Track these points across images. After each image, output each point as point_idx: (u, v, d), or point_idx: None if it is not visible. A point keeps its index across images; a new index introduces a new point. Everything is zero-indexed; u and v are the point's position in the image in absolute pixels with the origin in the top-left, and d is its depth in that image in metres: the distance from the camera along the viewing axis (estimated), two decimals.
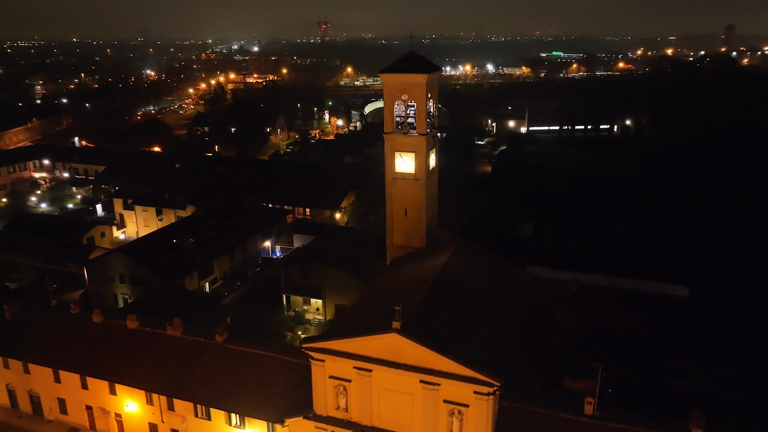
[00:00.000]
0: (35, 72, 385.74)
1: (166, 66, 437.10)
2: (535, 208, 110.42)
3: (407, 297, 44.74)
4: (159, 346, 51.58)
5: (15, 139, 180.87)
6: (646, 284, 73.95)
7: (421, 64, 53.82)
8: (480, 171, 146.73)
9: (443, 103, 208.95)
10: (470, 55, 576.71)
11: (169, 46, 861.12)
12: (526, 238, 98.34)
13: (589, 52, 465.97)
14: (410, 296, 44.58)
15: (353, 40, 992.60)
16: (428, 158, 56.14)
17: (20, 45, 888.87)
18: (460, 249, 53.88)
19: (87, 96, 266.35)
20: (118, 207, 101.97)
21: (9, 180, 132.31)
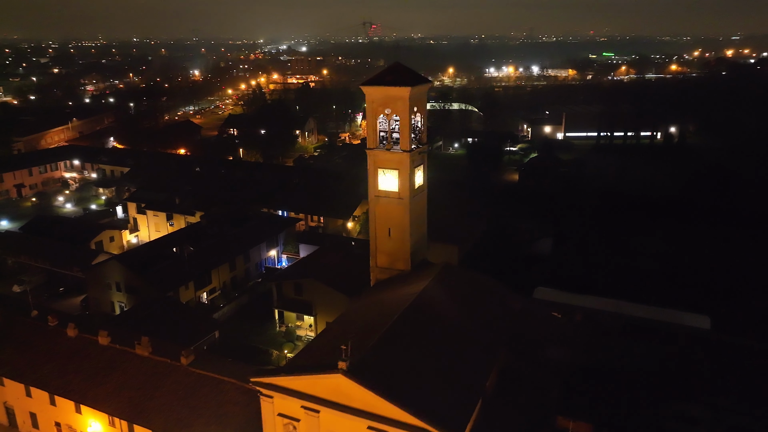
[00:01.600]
0: (89, 72, 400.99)
1: (212, 66, 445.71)
2: (559, 221, 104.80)
3: (371, 330, 41.61)
4: (126, 366, 50.13)
5: (56, 138, 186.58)
6: (665, 313, 67.79)
7: (405, 77, 50.34)
8: (507, 180, 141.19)
9: (478, 106, 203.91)
10: (518, 55, 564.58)
11: (222, 45, 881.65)
12: (543, 255, 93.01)
13: (641, 53, 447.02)
14: (374, 329, 41.40)
15: (401, 41, 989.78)
16: (413, 176, 52.58)
17: (84, 45, 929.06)
18: (442, 276, 50.20)
19: (133, 96, 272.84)
20: (131, 211, 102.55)
21: (41, 179, 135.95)
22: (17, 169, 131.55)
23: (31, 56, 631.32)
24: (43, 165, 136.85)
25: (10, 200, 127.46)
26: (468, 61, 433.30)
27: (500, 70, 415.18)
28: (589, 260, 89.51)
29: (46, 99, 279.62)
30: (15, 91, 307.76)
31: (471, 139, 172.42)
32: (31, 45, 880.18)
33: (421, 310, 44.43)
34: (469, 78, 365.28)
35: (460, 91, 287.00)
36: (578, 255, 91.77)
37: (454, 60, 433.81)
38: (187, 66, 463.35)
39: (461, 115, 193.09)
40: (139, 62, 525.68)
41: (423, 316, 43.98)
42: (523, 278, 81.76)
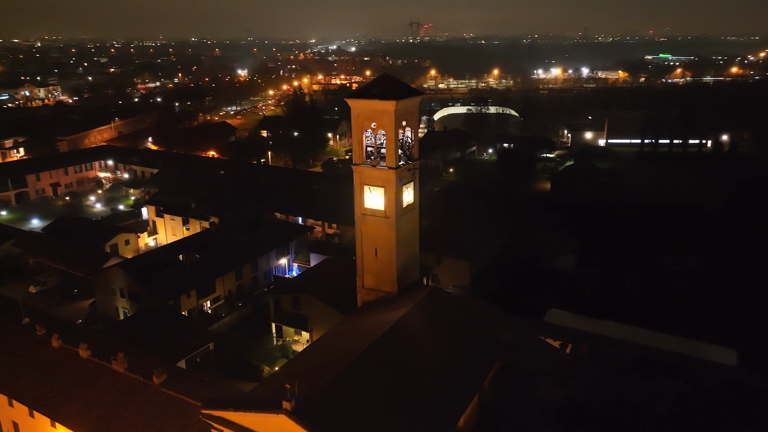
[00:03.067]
0: (142, 71, 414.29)
1: (259, 66, 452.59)
2: (587, 236, 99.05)
3: (337, 361, 39.03)
4: (101, 381, 49.28)
5: (99, 137, 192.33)
6: (687, 344, 62.14)
7: (391, 89, 47.39)
8: (538, 189, 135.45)
9: (517, 110, 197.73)
10: (571, 56, 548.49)
11: (274, 45, 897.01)
12: (564, 273, 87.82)
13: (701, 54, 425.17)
14: (340, 361, 38.80)
15: (452, 41, 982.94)
16: (400, 194, 49.61)
17: (144, 44, 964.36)
18: (425, 302, 47.04)
19: (179, 95, 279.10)
20: (151, 214, 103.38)
21: (76, 179, 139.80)
22: (54, 169, 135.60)
23: (93, 56, 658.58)
24: (78, 165, 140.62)
25: (46, 199, 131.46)
26: (516, 62, 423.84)
27: (548, 72, 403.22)
28: (613, 280, 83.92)
29: (99, 98, 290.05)
30: (71, 90, 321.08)
31: (506, 145, 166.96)
32: (96, 45, 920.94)
33: (395, 340, 41.49)
34: (515, 80, 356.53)
35: (503, 93, 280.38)
36: (602, 274, 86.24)
37: (502, 61, 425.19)
38: (235, 66, 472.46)
39: (498, 119, 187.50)
40: (192, 62, 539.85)
41: (395, 347, 41.02)
42: (538, 298, 77.39)
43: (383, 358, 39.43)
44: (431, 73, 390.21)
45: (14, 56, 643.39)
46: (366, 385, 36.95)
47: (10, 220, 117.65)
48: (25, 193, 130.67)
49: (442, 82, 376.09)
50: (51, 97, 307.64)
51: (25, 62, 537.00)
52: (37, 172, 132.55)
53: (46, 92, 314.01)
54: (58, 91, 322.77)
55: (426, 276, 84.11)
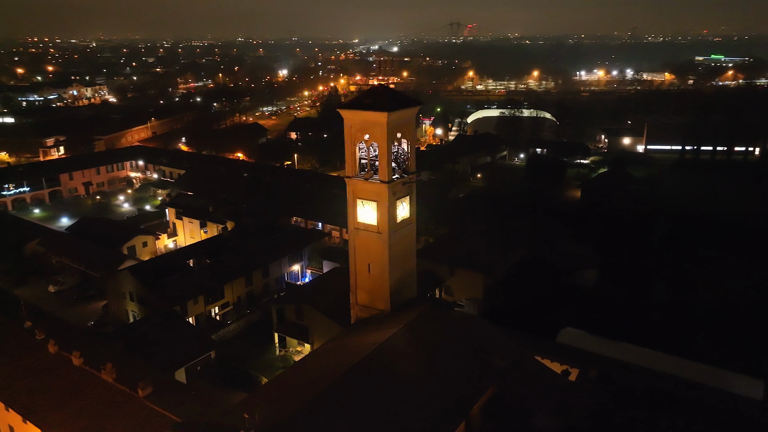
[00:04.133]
0: (186, 71, 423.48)
1: (299, 66, 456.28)
2: (613, 248, 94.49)
3: (310, 387, 37.42)
4: (90, 391, 49.07)
5: (136, 137, 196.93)
6: (711, 373, 57.99)
7: (384, 100, 45.40)
8: (568, 197, 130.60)
9: (554, 113, 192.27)
10: (617, 57, 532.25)
11: (318, 45, 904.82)
12: (585, 288, 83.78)
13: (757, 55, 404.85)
14: (313, 386, 37.18)
15: (496, 41, 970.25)
16: (394, 209, 47.57)
17: (192, 44, 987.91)
18: (416, 322, 44.90)
19: (218, 95, 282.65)
20: (171, 215, 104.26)
21: (107, 178, 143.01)
22: (86, 168, 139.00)
23: (142, 56, 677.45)
24: (110, 164, 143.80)
25: (78, 198, 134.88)
26: (559, 64, 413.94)
27: (591, 74, 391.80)
28: (638, 298, 79.49)
29: (142, 98, 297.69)
30: (117, 89, 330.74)
31: (539, 150, 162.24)
32: (147, 45, 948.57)
33: (377, 364, 39.57)
34: (555, 81, 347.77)
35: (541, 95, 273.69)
36: (627, 290, 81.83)
37: (544, 62, 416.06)
38: (276, 66, 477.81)
39: (532, 123, 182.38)
40: (235, 62, 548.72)
41: (376, 372, 39.10)
42: (554, 315, 73.91)
43: (360, 384, 37.57)
44: (469, 74, 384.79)
45: (69, 56, 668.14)
46: (338, 414, 35.16)
47: (41, 218, 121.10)
48: (58, 192, 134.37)
49: (479, 83, 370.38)
50: (97, 96, 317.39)
51: (78, 62, 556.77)
52: (71, 171, 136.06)
53: (92, 92, 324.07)
54: (105, 90, 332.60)
55: (438, 287, 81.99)
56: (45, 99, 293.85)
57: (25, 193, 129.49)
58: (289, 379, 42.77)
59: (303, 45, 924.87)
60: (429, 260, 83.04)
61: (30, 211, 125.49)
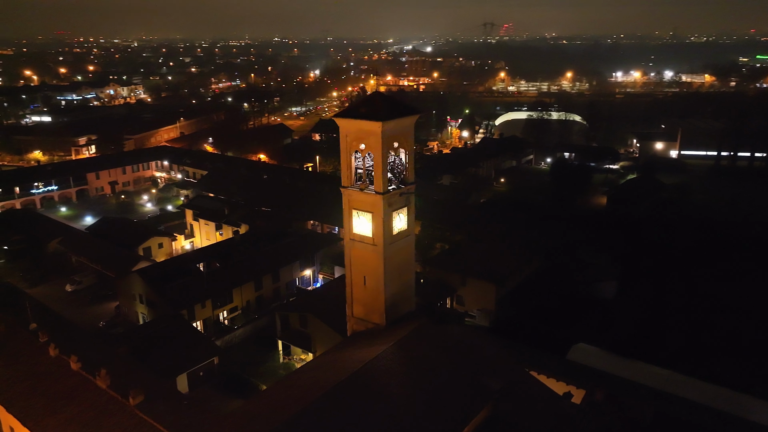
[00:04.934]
0: (220, 71, 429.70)
1: (331, 66, 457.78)
2: (638, 259, 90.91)
3: (293, 404, 36.31)
4: (84, 396, 49.07)
5: (165, 136, 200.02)
6: (731, 398, 54.79)
7: (380, 109, 43.94)
8: (593, 204, 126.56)
9: (585, 116, 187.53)
10: (657, 57, 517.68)
11: (352, 45, 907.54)
12: (603, 301, 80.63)
13: None
14: (294, 404, 36.07)
15: (531, 41, 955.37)
16: (390, 220, 46.05)
17: (229, 44, 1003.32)
18: (409, 339, 43.38)
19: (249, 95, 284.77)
20: (188, 217, 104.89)
21: (133, 178, 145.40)
22: (113, 167, 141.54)
23: (181, 55, 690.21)
24: (136, 164, 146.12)
25: (104, 197, 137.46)
26: (595, 64, 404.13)
27: (627, 75, 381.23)
28: (660, 314, 76.07)
29: (175, 98, 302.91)
30: (152, 89, 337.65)
31: (566, 154, 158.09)
32: (186, 45, 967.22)
33: (361, 384, 38.22)
34: (590, 83, 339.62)
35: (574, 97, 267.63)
36: (648, 305, 78.45)
37: (579, 62, 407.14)
38: (308, 66, 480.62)
39: (561, 126, 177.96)
40: (269, 62, 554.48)
41: (359, 392, 37.73)
42: (568, 329, 71.26)
43: (340, 406, 36.24)
44: (500, 75, 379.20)
45: (110, 56, 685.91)
46: None
47: (67, 217, 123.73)
48: (85, 191, 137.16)
49: (511, 84, 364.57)
50: (133, 95, 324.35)
51: (118, 62, 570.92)
52: (97, 170, 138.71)
53: (129, 91, 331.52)
54: (140, 90, 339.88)
55: (450, 297, 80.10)
56: (83, 98, 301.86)
57: (53, 191, 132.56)
58: (274, 394, 41.77)
59: (338, 45, 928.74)
60: (441, 268, 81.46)
61: (57, 210, 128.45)
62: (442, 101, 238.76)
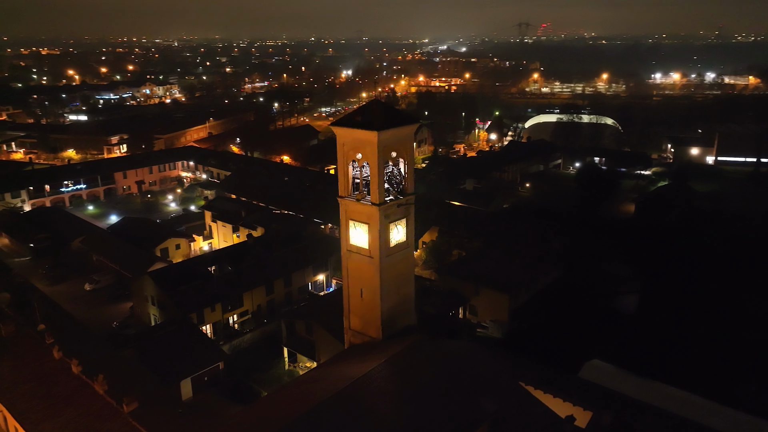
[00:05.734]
0: (253, 71, 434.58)
1: (363, 67, 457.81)
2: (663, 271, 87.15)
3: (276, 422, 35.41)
4: (82, 401, 49.30)
5: (195, 136, 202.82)
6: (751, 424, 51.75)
7: (376, 118, 42.62)
8: (621, 212, 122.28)
9: (616, 119, 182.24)
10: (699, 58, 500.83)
11: (387, 45, 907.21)
12: (624, 315, 77.43)
13: None
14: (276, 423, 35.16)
15: (569, 41, 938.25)
16: (387, 232, 44.71)
17: (266, 44, 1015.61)
18: (402, 356, 41.95)
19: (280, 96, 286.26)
20: (207, 218, 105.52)
21: (159, 177, 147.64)
22: (140, 167, 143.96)
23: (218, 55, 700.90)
24: (163, 164, 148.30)
25: (130, 195, 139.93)
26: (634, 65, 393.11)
27: (667, 76, 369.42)
28: (683, 330, 72.46)
29: (208, 97, 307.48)
30: (186, 88, 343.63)
31: (596, 159, 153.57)
32: (224, 44, 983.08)
33: (347, 403, 37.00)
34: (627, 84, 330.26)
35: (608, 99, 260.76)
36: (671, 320, 74.93)
37: (617, 63, 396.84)
38: (341, 66, 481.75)
39: (592, 129, 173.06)
40: (304, 62, 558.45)
41: (344, 412, 36.50)
42: (584, 343, 68.58)
43: (322, 426, 35.09)
44: (534, 76, 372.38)
45: (150, 56, 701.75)
46: None
47: (93, 215, 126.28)
48: (113, 190, 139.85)
49: (545, 85, 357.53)
50: (168, 95, 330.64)
51: (157, 62, 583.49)
52: (125, 170, 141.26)
53: (164, 90, 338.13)
54: (176, 89, 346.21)
55: (462, 306, 78.21)
56: (119, 97, 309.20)
57: (82, 190, 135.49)
58: (260, 409, 40.96)
59: (372, 45, 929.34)
60: (454, 277, 79.64)
61: (85, 208, 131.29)
62: (471, 102, 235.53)
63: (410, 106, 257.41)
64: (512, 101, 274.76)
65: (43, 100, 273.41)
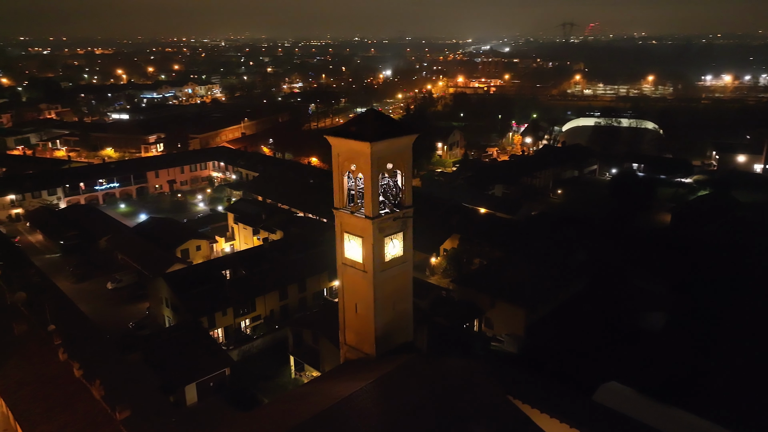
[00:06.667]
0: (294, 71, 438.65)
1: (403, 67, 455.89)
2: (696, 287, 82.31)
3: None
4: (79, 405, 49.47)
5: (230, 136, 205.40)
6: None
7: (370, 128, 40.94)
8: (657, 222, 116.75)
9: (659, 123, 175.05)
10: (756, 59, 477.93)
11: (430, 45, 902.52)
12: (650, 335, 73.21)
13: None
14: None
15: (617, 41, 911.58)
16: (381, 246, 43.02)
17: (310, 44, 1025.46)
18: (390, 377, 40.19)
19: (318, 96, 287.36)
20: (230, 220, 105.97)
21: (190, 177, 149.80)
22: (171, 167, 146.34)
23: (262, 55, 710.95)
24: (194, 164, 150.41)
25: (162, 194, 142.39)
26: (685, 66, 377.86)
27: (718, 78, 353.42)
28: (713, 354, 67.93)
29: (247, 97, 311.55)
30: (227, 88, 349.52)
31: (635, 165, 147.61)
32: (269, 44, 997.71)
33: (324, 427, 35.49)
34: (675, 86, 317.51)
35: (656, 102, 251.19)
36: (700, 342, 70.42)
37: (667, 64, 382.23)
38: (381, 66, 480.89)
39: (631, 134, 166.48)
40: (345, 62, 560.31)
41: None
42: (603, 364, 65.12)
43: None
44: (576, 77, 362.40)
45: (197, 55, 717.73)
46: None
47: (125, 214, 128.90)
48: (145, 188, 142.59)
49: (587, 87, 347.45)
50: (209, 94, 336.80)
51: (202, 61, 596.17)
52: (157, 169, 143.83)
53: (206, 90, 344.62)
54: (217, 89, 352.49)
55: (478, 318, 75.75)
56: (162, 97, 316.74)
57: (115, 188, 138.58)
58: (246, 423, 39.91)
59: (415, 44, 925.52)
60: (470, 287, 77.23)
61: (117, 206, 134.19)
62: (508, 104, 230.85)
63: (446, 107, 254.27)
64: (551, 103, 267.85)
65: (90, 99, 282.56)
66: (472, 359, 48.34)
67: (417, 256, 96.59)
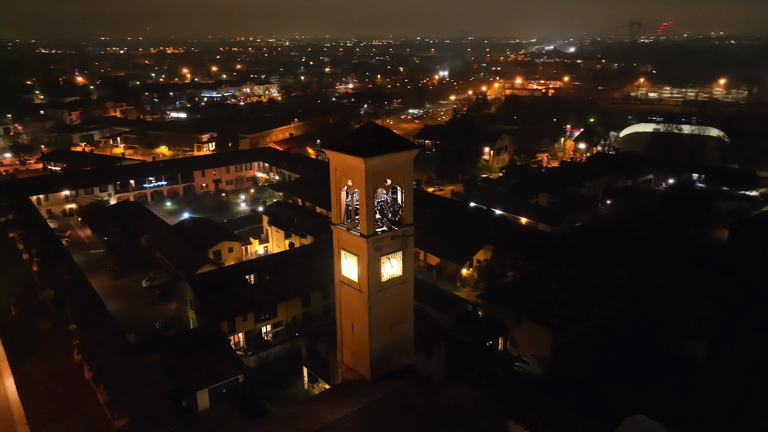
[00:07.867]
0: (351, 71, 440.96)
1: (461, 67, 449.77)
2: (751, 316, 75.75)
3: None
4: (84, 408, 49.91)
5: (281, 136, 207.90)
6: None
7: (364, 144, 38.98)
8: (713, 238, 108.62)
9: (725, 130, 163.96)
10: None
11: (491, 45, 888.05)
12: (691, 363, 67.67)
13: None
14: None
15: (691, 41, 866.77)
16: (377, 265, 41.03)
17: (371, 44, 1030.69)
18: (376, 406, 38.20)
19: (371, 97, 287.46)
20: (264, 222, 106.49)
21: (235, 177, 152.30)
22: (218, 166, 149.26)
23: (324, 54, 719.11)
24: (239, 164, 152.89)
25: (207, 194, 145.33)
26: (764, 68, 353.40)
27: None
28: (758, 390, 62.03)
29: (303, 97, 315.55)
30: (284, 88, 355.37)
31: (695, 176, 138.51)
32: (332, 44, 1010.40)
33: None
34: (750, 91, 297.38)
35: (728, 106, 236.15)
36: (746, 375, 64.43)
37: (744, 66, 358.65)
38: (441, 66, 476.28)
39: (693, 141, 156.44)
40: (402, 62, 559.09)
41: None
42: (634, 394, 60.55)
43: None
44: (640, 80, 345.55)
45: (260, 55, 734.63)
46: None
47: (170, 212, 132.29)
48: (191, 187, 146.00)
49: (652, 90, 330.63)
50: (266, 94, 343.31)
51: (264, 61, 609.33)
52: (204, 168, 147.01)
53: (263, 89, 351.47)
54: (274, 89, 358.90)
55: (503, 336, 72.35)
56: (221, 96, 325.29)
57: (163, 186, 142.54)
58: None
59: (477, 44, 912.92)
60: (496, 304, 73.86)
61: (163, 204, 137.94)
62: (564, 108, 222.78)
63: (499, 110, 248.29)
64: (612, 107, 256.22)
65: (153, 98, 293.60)
66: (473, 386, 45.52)
67: (448, 267, 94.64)
